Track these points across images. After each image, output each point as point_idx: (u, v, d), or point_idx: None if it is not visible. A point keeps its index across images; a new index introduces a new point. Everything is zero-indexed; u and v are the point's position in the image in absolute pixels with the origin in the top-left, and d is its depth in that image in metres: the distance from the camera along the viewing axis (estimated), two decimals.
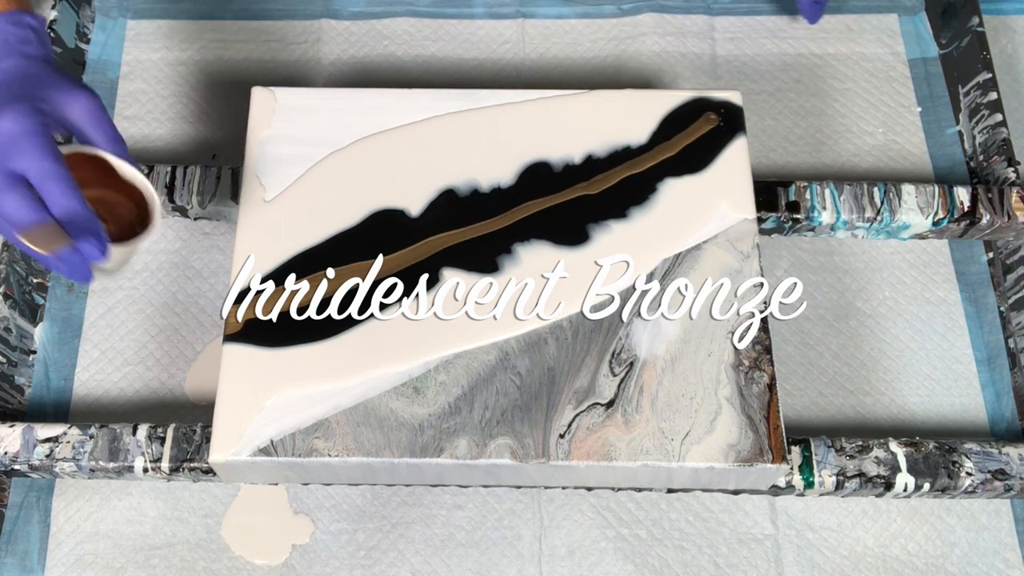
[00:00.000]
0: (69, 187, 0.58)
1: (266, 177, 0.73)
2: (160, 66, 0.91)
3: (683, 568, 0.72)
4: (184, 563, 0.72)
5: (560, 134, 0.75)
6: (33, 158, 0.58)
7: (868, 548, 0.73)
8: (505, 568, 0.72)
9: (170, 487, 0.74)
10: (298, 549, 0.72)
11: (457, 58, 0.92)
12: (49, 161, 0.58)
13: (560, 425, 0.65)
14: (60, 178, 0.58)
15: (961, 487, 0.69)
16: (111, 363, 0.78)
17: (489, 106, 0.76)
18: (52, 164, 0.58)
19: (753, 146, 0.87)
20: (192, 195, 0.78)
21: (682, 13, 0.94)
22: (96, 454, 0.69)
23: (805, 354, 0.79)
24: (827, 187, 0.79)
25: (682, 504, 0.74)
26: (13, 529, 0.73)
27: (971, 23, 0.88)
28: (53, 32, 0.86)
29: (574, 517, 0.73)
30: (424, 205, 0.72)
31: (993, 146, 0.83)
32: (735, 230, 0.72)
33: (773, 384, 0.67)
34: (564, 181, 0.73)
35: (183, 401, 0.77)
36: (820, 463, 0.69)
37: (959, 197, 0.79)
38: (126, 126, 0.88)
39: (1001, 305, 0.81)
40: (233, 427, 0.65)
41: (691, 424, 0.65)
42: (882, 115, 0.89)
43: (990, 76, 0.85)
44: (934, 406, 0.78)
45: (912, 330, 0.80)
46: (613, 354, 0.67)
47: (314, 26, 0.93)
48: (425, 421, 0.65)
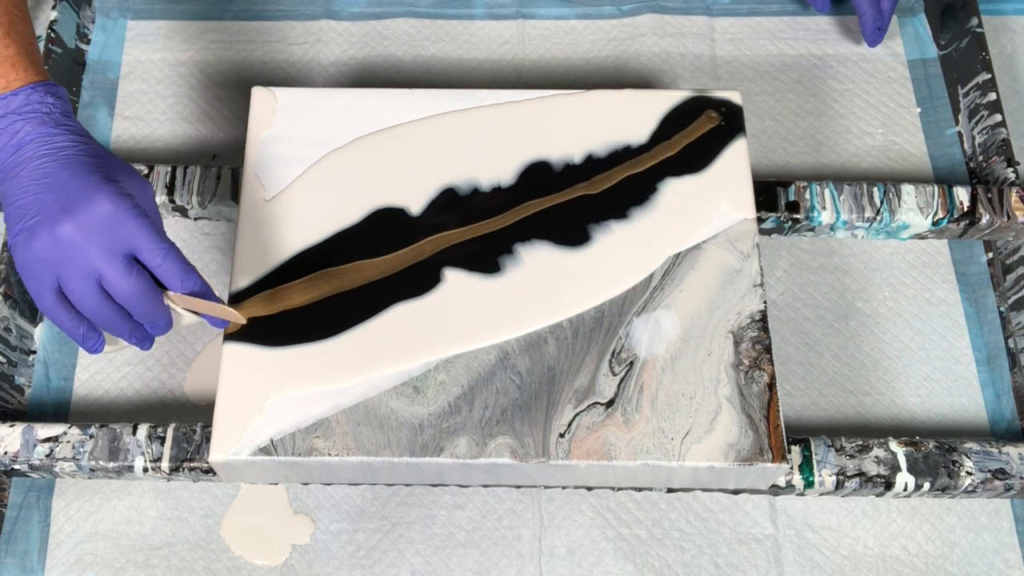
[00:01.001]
0: (186, 265, 0.61)
1: (266, 177, 0.73)
2: (160, 66, 0.91)
3: (683, 568, 0.72)
4: (184, 563, 0.72)
5: (560, 134, 0.75)
6: (146, 239, 0.59)
7: (868, 548, 0.73)
8: (505, 568, 0.72)
9: (170, 487, 0.74)
10: (298, 549, 0.72)
11: (457, 58, 0.92)
12: (163, 241, 0.59)
13: (560, 424, 0.65)
14: (177, 258, 0.60)
15: (961, 487, 0.69)
16: (111, 363, 0.78)
17: (489, 105, 0.76)
18: (167, 243, 0.60)
19: (753, 146, 0.87)
20: (192, 195, 0.78)
21: (682, 14, 0.94)
22: (96, 454, 0.69)
23: (805, 354, 0.79)
24: (827, 187, 0.79)
25: (682, 504, 0.74)
26: (13, 529, 0.72)
27: (970, 24, 0.88)
28: (53, 32, 0.86)
29: (574, 517, 0.73)
30: (425, 204, 0.72)
31: (993, 146, 0.83)
32: (735, 230, 0.72)
33: (773, 384, 0.67)
34: (564, 181, 0.73)
35: (183, 401, 0.77)
36: (820, 463, 0.69)
37: (959, 197, 0.79)
38: (126, 126, 0.88)
39: (1001, 305, 0.81)
40: (233, 427, 0.65)
41: (691, 423, 0.65)
42: (882, 116, 0.89)
43: (989, 77, 0.85)
44: (934, 406, 0.78)
45: (912, 330, 0.80)
46: (613, 353, 0.67)
47: (314, 27, 0.93)
48: (425, 420, 0.65)
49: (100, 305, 0.59)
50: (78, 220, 0.57)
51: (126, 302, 0.59)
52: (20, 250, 0.58)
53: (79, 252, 0.57)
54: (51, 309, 0.60)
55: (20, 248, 0.58)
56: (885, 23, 0.88)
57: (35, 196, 0.58)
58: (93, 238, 0.57)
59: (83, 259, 0.58)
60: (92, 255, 0.57)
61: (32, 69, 0.62)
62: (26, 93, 0.60)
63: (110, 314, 0.60)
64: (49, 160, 0.59)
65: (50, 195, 0.58)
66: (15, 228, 0.58)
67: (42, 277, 0.59)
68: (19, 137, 0.59)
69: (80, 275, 0.58)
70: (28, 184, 0.58)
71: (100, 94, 0.89)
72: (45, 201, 0.58)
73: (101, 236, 0.57)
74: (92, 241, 0.57)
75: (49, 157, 0.59)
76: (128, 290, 0.59)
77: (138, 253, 0.59)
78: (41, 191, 0.58)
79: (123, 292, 0.59)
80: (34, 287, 0.59)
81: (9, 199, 0.59)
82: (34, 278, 0.59)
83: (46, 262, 0.58)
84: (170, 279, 0.60)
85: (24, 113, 0.60)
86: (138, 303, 0.60)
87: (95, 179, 0.59)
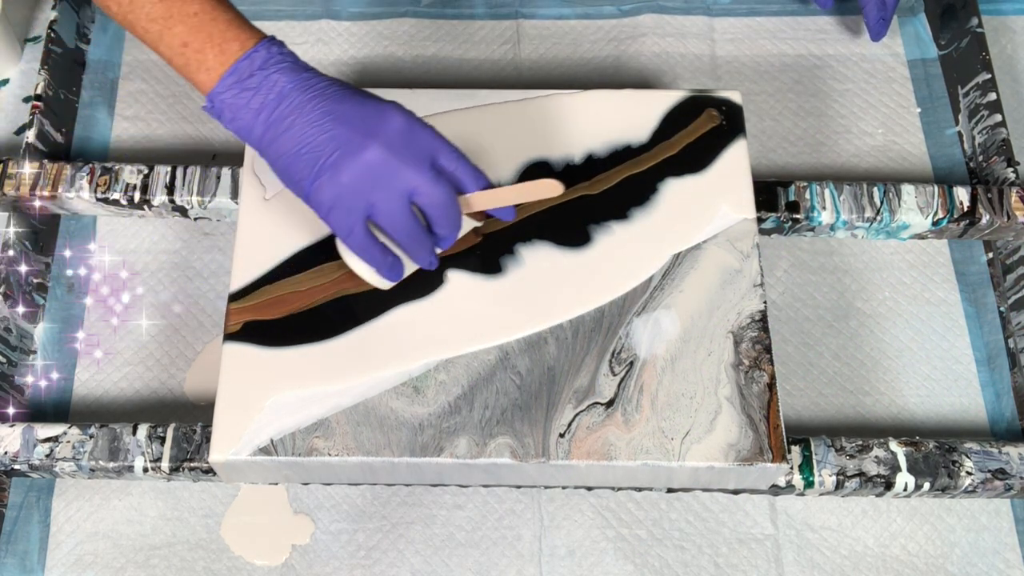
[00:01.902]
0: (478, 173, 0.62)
1: (266, 177, 0.73)
2: (160, 66, 0.91)
3: (683, 568, 0.72)
4: (184, 563, 0.72)
5: (560, 134, 0.75)
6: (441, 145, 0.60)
7: (868, 548, 0.73)
8: (505, 568, 0.72)
9: (170, 487, 0.74)
10: (298, 549, 0.72)
11: (457, 58, 0.92)
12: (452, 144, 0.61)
13: (560, 424, 0.65)
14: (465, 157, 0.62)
15: (961, 487, 0.69)
16: (111, 363, 0.78)
17: (489, 104, 0.76)
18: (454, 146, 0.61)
19: (753, 146, 0.87)
20: (192, 195, 0.78)
21: (682, 14, 0.94)
22: (96, 454, 0.69)
23: (805, 354, 0.79)
24: (827, 187, 0.79)
25: (682, 504, 0.74)
26: (13, 529, 0.72)
27: (970, 24, 0.88)
28: (53, 32, 0.86)
29: (574, 517, 0.73)
30: None
31: (993, 146, 0.83)
32: (735, 230, 0.72)
33: (773, 384, 0.67)
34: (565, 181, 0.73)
35: (183, 401, 0.77)
36: (820, 463, 0.69)
37: (959, 197, 0.79)
38: (126, 126, 0.88)
39: (1001, 305, 0.81)
40: (233, 427, 0.65)
41: (691, 423, 0.65)
42: (882, 116, 0.89)
43: (989, 77, 0.85)
44: (934, 406, 0.78)
45: (912, 330, 0.80)
46: (613, 353, 0.67)
47: (314, 26, 0.93)
48: (425, 420, 0.65)
49: (412, 222, 0.60)
50: (382, 140, 0.58)
51: (436, 210, 0.60)
52: (327, 188, 0.58)
53: (390, 170, 0.58)
54: (364, 243, 0.61)
55: (326, 186, 0.58)
56: (889, 13, 0.88)
57: (326, 135, 0.58)
58: (401, 153, 0.58)
59: (395, 176, 0.58)
60: (402, 170, 0.58)
61: (253, 28, 0.62)
62: (265, 47, 0.60)
63: (419, 232, 0.61)
64: (320, 100, 0.59)
65: (341, 128, 0.58)
66: (313, 171, 0.58)
67: (353, 209, 0.59)
68: (279, 88, 0.59)
69: (394, 194, 0.59)
70: (309, 128, 0.58)
71: (100, 94, 0.89)
72: (339, 135, 0.58)
73: (407, 150, 0.58)
74: (400, 156, 0.58)
75: (319, 98, 0.59)
76: (440, 196, 0.59)
77: (437, 159, 0.60)
78: (329, 128, 0.58)
79: (435, 200, 0.59)
80: (345, 223, 0.60)
81: (290, 148, 0.59)
82: (345, 212, 0.59)
83: (357, 191, 0.58)
84: (466, 179, 0.61)
85: (272, 66, 0.59)
86: (445, 210, 0.60)
87: (375, 102, 0.60)
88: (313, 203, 0.60)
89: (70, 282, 0.81)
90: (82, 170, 0.79)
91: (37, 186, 0.78)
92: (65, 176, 0.78)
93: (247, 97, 0.59)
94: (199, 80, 0.60)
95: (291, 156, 0.59)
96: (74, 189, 0.78)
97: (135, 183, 0.78)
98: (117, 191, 0.78)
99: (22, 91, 0.90)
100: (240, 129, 0.60)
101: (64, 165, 0.79)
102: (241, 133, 0.60)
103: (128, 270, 0.82)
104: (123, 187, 0.78)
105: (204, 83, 0.59)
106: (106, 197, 0.78)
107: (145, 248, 0.82)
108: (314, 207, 0.60)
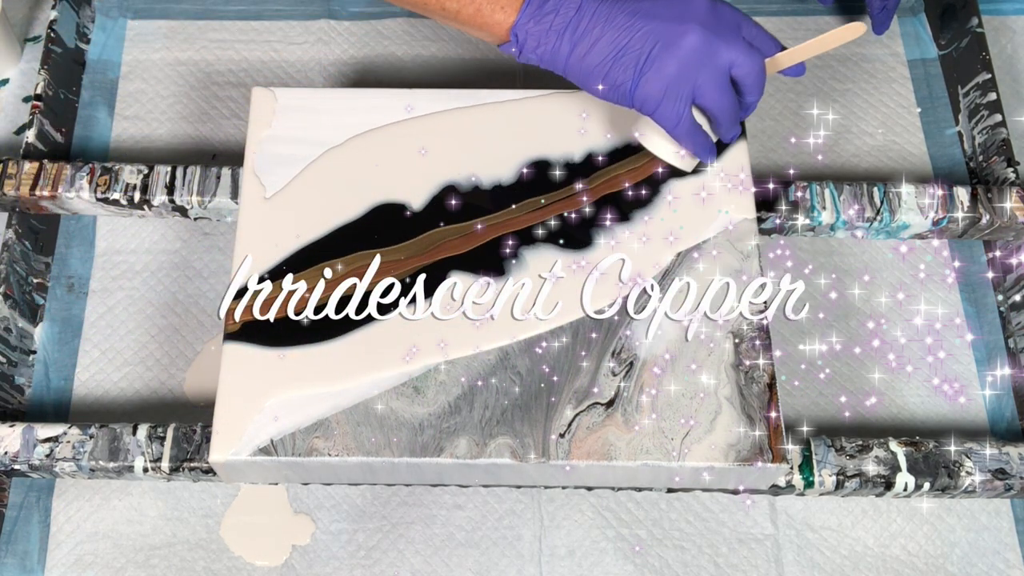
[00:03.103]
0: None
1: (266, 177, 0.73)
2: (160, 66, 0.91)
3: (683, 568, 0.72)
4: (184, 563, 0.72)
5: (560, 133, 0.75)
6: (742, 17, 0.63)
7: (868, 548, 0.73)
8: (505, 568, 0.72)
9: (170, 487, 0.74)
10: (298, 549, 0.72)
11: (457, 58, 0.92)
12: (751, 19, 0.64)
13: (560, 425, 0.65)
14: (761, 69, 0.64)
15: (961, 487, 0.69)
16: (111, 363, 0.78)
17: (489, 104, 0.76)
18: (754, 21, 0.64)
19: (753, 146, 0.87)
20: (192, 195, 0.78)
21: None
22: (96, 454, 0.69)
23: (805, 354, 0.79)
24: (827, 187, 0.79)
25: (682, 504, 0.74)
26: (13, 529, 0.72)
27: (970, 24, 0.88)
28: (53, 32, 0.86)
29: (574, 517, 0.73)
30: (426, 199, 0.72)
31: (993, 146, 0.83)
32: (735, 230, 0.72)
33: (773, 384, 0.67)
34: (565, 180, 0.73)
35: (183, 401, 0.77)
36: (820, 463, 0.69)
37: (959, 197, 0.79)
38: (126, 126, 0.88)
39: (1001, 305, 0.81)
40: (233, 427, 0.65)
41: (691, 423, 0.65)
42: (882, 116, 0.89)
43: (989, 77, 0.85)
44: (934, 406, 0.78)
45: (912, 330, 0.80)
46: (613, 354, 0.67)
47: (314, 26, 0.93)
48: (425, 421, 0.65)
49: (733, 96, 0.63)
50: (698, 22, 0.61)
51: (750, 78, 0.63)
52: (654, 82, 0.61)
53: (712, 49, 0.61)
54: (691, 127, 0.63)
55: (653, 80, 0.61)
56: (892, 5, 0.88)
57: (639, 32, 0.61)
58: (717, 30, 0.61)
59: (716, 54, 0.61)
60: (722, 47, 0.61)
61: None
62: None
63: (736, 105, 0.64)
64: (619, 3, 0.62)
65: (652, 23, 0.61)
66: (637, 69, 0.61)
67: (681, 95, 0.61)
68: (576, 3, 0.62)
69: (718, 72, 0.61)
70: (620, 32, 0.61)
71: (100, 94, 0.89)
72: (653, 29, 0.61)
73: (721, 25, 0.61)
74: (717, 33, 0.61)
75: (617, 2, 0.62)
76: (755, 64, 0.62)
77: (742, 29, 0.62)
78: (641, 25, 0.61)
79: (751, 68, 0.62)
80: (674, 112, 0.62)
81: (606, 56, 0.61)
82: (674, 101, 0.62)
83: (684, 77, 0.61)
84: (766, 43, 0.64)
85: None
86: (757, 77, 0.63)
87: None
88: (639, 101, 0.62)
89: (70, 282, 0.81)
90: (82, 170, 0.79)
91: (37, 186, 0.78)
92: (65, 176, 0.78)
93: (549, 21, 0.62)
94: (495, 20, 0.63)
95: (609, 64, 0.61)
96: (74, 189, 0.78)
97: (135, 183, 0.79)
98: (117, 191, 0.78)
99: (22, 91, 0.90)
100: (545, 54, 0.63)
101: (64, 165, 0.79)
102: (546, 58, 0.63)
103: (128, 270, 0.82)
104: (123, 187, 0.78)
105: (502, 22, 0.62)
106: (106, 197, 0.78)
107: (145, 248, 0.82)
108: (639, 106, 0.62)
